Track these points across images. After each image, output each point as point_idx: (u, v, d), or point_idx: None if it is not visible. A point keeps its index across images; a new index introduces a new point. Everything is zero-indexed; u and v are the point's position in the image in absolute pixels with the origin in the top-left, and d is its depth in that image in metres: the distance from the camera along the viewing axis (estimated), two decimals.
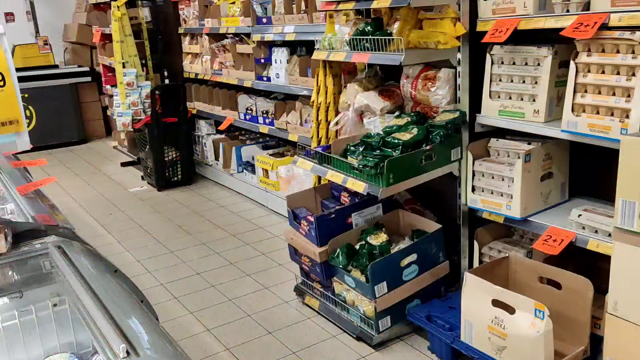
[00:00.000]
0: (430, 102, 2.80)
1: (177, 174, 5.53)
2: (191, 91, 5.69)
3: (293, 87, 4.09)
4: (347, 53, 2.74)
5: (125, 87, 5.51)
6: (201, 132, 5.85)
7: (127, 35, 5.49)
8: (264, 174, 4.72)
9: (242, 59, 4.77)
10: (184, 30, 5.61)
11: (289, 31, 3.95)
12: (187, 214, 4.79)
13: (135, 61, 5.56)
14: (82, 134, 7.92)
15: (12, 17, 9.16)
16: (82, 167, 6.54)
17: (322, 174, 2.84)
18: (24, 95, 7.29)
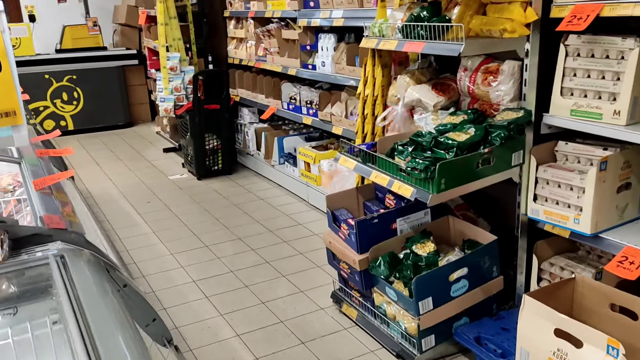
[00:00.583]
0: (491, 98, 2.49)
1: (217, 163, 5.39)
2: (235, 77, 5.52)
3: (339, 76, 3.83)
4: (399, 41, 2.46)
5: (169, 71, 5.38)
6: (244, 120, 5.68)
7: (172, 18, 5.35)
8: (305, 167, 4.50)
9: (287, 45, 4.54)
10: (229, 14, 5.42)
11: (337, 16, 3.68)
12: (225, 205, 4.63)
13: (179, 45, 5.42)
14: (128, 118, 7.91)
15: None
16: (125, 152, 6.50)
17: (365, 175, 2.58)
18: (72, 77, 7.33)
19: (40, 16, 8.81)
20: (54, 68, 7.22)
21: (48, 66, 7.19)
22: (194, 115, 5.14)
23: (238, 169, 5.63)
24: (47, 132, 7.38)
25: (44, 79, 7.18)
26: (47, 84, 7.21)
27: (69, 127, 7.46)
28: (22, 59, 6.98)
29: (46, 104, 7.26)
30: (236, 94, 5.54)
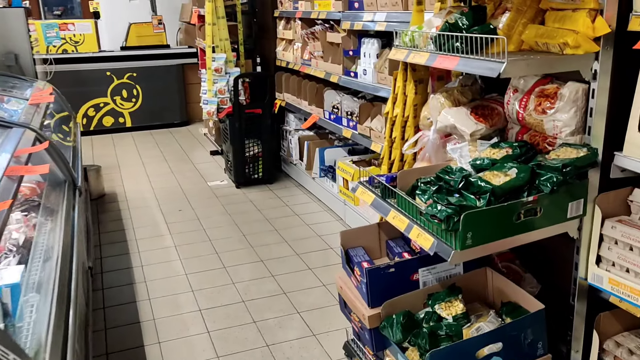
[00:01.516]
0: (545, 129, 1.97)
1: (257, 171, 5.08)
2: (282, 81, 5.18)
3: (380, 87, 3.38)
4: (430, 55, 1.99)
5: (213, 73, 5.13)
6: (289, 127, 5.34)
7: (220, 18, 5.09)
8: (344, 183, 4.08)
9: (331, 49, 4.13)
10: (279, 14, 5.08)
11: (380, 19, 3.23)
12: (256, 219, 4.30)
13: (226, 45, 5.16)
14: (185, 116, 7.82)
15: None
16: (174, 152, 6.36)
17: (383, 213, 2.13)
18: (132, 74, 7.30)
19: (110, 13, 8.93)
20: (115, 65, 7.23)
21: (109, 63, 7.21)
22: (234, 120, 4.86)
23: (280, 177, 5.30)
24: (107, 128, 7.44)
25: (105, 75, 7.20)
26: (108, 81, 7.24)
27: (126, 124, 7.46)
28: (85, 55, 7.03)
29: (106, 101, 7.28)
30: (282, 99, 5.20)
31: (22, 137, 2.58)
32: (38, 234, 2.29)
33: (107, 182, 5.20)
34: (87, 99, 7.18)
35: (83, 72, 7.05)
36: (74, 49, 6.98)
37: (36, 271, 2.00)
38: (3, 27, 4.44)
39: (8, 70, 4.51)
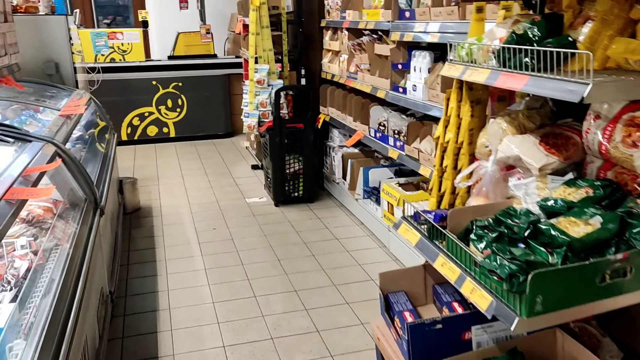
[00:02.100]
0: (636, 166, 1.59)
1: (298, 189, 4.81)
2: (326, 94, 4.90)
3: (432, 105, 3.04)
4: (492, 72, 1.66)
5: (255, 84, 4.91)
6: (333, 143, 5.05)
7: (264, 27, 4.87)
8: (389, 207, 3.75)
9: (378, 62, 3.82)
10: (325, 23, 4.82)
11: (433, 30, 2.90)
12: (294, 242, 4.02)
13: (270, 56, 4.93)
14: (229, 127, 7.67)
15: (186, 4, 9.31)
16: (214, 165, 6.19)
17: (429, 258, 1.80)
18: (178, 84, 7.22)
19: (160, 22, 8.95)
20: (161, 74, 7.16)
21: (155, 72, 7.14)
22: (274, 134, 4.61)
23: (321, 196, 5.01)
24: (150, 137, 7.38)
25: (151, 85, 7.14)
26: (153, 90, 7.17)
27: (170, 134, 7.38)
28: (131, 64, 6.99)
29: (151, 110, 7.22)
30: (327, 113, 4.93)
31: (39, 153, 2.40)
32: (45, 262, 2.08)
33: (144, 195, 5.06)
34: (132, 108, 7.14)
35: (129, 81, 7.01)
36: (121, 57, 6.96)
37: (33, 309, 1.77)
38: (45, 35, 4.37)
39: (48, 79, 4.44)
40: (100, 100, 7.00)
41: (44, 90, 4.11)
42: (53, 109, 3.56)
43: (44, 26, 4.35)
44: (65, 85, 4.35)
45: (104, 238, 3.01)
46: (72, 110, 3.33)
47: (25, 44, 4.22)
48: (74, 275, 2.03)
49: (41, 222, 2.35)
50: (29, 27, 4.30)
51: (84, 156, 3.56)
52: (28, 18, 4.31)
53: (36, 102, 3.59)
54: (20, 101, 3.56)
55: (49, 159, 2.40)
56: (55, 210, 2.51)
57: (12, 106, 3.63)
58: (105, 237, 3.08)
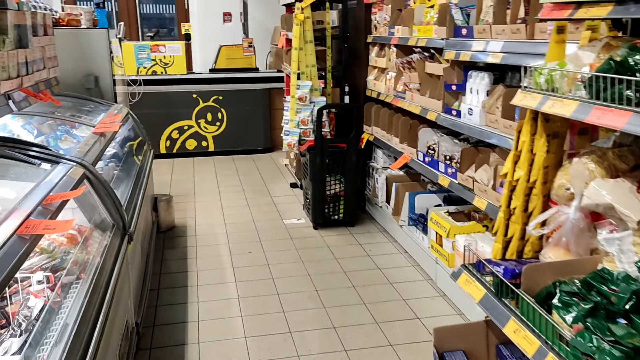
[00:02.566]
0: None
1: (338, 212, 4.56)
2: (371, 113, 4.66)
3: (490, 131, 2.75)
4: (581, 104, 1.38)
5: (297, 101, 4.72)
6: (377, 164, 4.79)
7: (308, 42, 4.68)
8: (436, 238, 3.46)
9: (429, 82, 3.56)
10: (372, 39, 4.59)
11: (494, 49, 2.62)
12: (333, 270, 3.77)
13: (313, 72, 4.73)
14: (268, 142, 7.51)
15: (229, 17, 9.28)
16: (253, 182, 6.01)
17: (498, 319, 1.53)
18: (218, 97, 7.11)
19: (203, 35, 8.92)
20: (201, 88, 7.07)
21: (196, 85, 7.06)
22: (315, 154, 4.39)
23: (363, 219, 4.75)
24: (189, 151, 7.28)
25: (191, 98, 7.06)
26: (194, 104, 7.09)
27: (209, 147, 7.27)
28: (172, 77, 6.93)
29: (190, 123, 7.13)
30: (371, 133, 4.68)
31: (65, 176, 2.24)
32: (62, 300, 1.90)
33: (179, 213, 4.91)
34: (172, 121, 7.06)
35: (169, 94, 6.95)
36: (163, 70, 6.90)
37: None
38: (86, 49, 4.30)
39: (87, 92, 4.36)
40: (140, 113, 6.97)
41: (81, 104, 4.01)
42: (88, 125, 3.45)
43: (85, 40, 4.28)
44: (103, 100, 4.26)
45: (133, 265, 2.84)
46: (106, 127, 3.19)
47: (65, 57, 4.14)
48: (92, 316, 1.84)
49: (63, 253, 2.18)
50: (70, 41, 4.23)
51: (117, 175, 3.42)
52: (69, 31, 4.25)
53: (71, 118, 3.48)
54: (55, 117, 3.45)
55: (75, 183, 2.24)
56: (79, 237, 2.34)
57: (48, 121, 3.54)
58: (134, 263, 2.91)
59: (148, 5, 10.06)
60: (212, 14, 8.93)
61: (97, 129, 3.18)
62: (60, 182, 2.15)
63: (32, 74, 3.32)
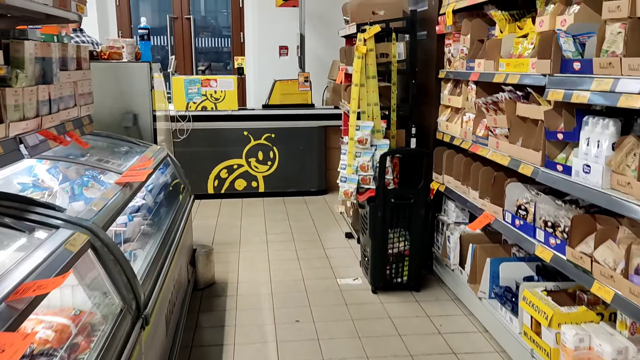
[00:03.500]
0: None
1: (402, 274, 3.90)
2: (442, 159, 4.01)
3: (618, 197, 2.06)
4: None
5: (356, 144, 4.14)
6: (448, 218, 4.11)
7: (370, 78, 4.12)
8: (532, 324, 2.73)
9: (522, 127, 2.89)
10: (445, 74, 3.98)
11: (625, 89, 1.95)
12: (397, 354, 3.09)
13: (375, 111, 4.15)
14: (323, 184, 6.96)
15: (286, 50, 8.92)
16: (304, 229, 5.43)
17: None
18: (270, 135, 6.65)
19: (258, 69, 8.58)
20: (253, 125, 6.64)
21: (247, 122, 6.64)
22: (376, 207, 3.77)
23: (430, 282, 4.06)
24: (238, 192, 6.81)
25: (242, 135, 6.64)
26: (244, 141, 6.66)
27: (259, 188, 6.79)
28: (222, 113, 6.53)
29: (241, 162, 6.69)
30: (441, 181, 4.02)
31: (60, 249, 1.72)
32: None
33: (221, 265, 4.38)
34: (221, 159, 6.64)
35: (219, 131, 6.54)
36: (213, 106, 6.52)
37: None
38: (125, 84, 3.91)
39: (125, 132, 3.94)
40: (187, 151, 6.61)
41: (115, 145, 3.59)
42: (115, 172, 2.98)
43: (125, 74, 3.89)
44: (141, 140, 3.82)
45: (151, 350, 2.28)
46: (132, 177, 2.71)
47: (103, 93, 3.76)
48: None
49: (48, 355, 1.64)
50: (109, 75, 3.85)
51: (143, 230, 2.92)
52: (108, 65, 3.87)
53: (97, 163, 3.03)
54: (79, 162, 3.01)
55: (70, 259, 1.72)
56: (73, 327, 1.80)
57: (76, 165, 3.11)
58: (153, 347, 2.35)
59: (204, 38, 9.88)
60: (268, 47, 8.59)
61: (121, 179, 2.70)
62: (48, 260, 1.63)
63: (57, 113, 2.89)
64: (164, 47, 9.28)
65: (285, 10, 8.51)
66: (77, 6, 3.24)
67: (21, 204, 2.00)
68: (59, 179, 3.19)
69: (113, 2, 8.15)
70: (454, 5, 3.70)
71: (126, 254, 2.73)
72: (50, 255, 1.66)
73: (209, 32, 10.30)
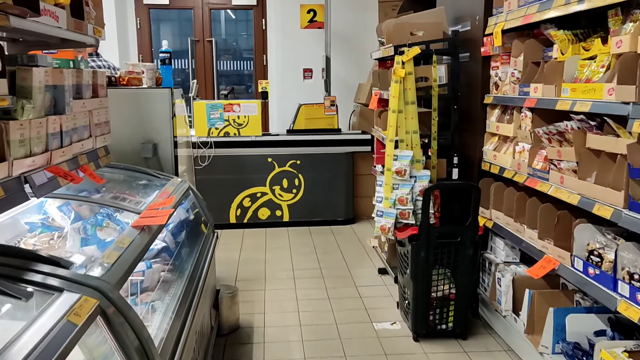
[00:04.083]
0: None
1: (446, 320, 3.51)
2: (489, 192, 3.64)
3: None
4: None
5: (394, 175, 3.79)
6: (496, 257, 3.73)
7: (410, 103, 3.79)
8: None
9: (595, 162, 2.52)
10: (492, 100, 3.63)
11: None
12: None
13: (414, 140, 3.81)
14: (350, 212, 6.60)
15: (310, 73, 8.66)
16: (333, 263, 5.08)
17: None
18: (295, 162, 6.35)
19: (281, 93, 8.32)
20: (277, 151, 6.34)
21: (271, 148, 6.34)
22: (419, 247, 3.40)
23: (477, 328, 3.66)
24: (261, 221, 6.48)
25: (266, 162, 6.34)
26: (268, 169, 6.35)
27: (284, 217, 6.46)
28: (245, 139, 6.24)
29: (264, 190, 6.38)
30: (488, 216, 3.65)
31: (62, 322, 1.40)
32: None
33: (246, 306, 4.03)
34: (244, 187, 6.34)
35: (242, 158, 6.26)
36: (236, 131, 6.25)
37: None
38: (145, 111, 3.63)
39: (144, 163, 3.66)
40: (209, 178, 6.33)
41: (133, 179, 3.29)
42: (133, 212, 2.67)
43: (145, 101, 3.62)
44: (161, 172, 3.53)
45: None
46: (150, 219, 2.39)
47: (121, 121, 3.48)
48: None
49: None
50: (127, 102, 3.59)
51: (164, 278, 2.60)
52: (127, 92, 3.61)
53: (113, 202, 2.73)
54: (92, 201, 2.71)
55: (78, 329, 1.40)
56: None
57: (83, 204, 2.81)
58: None
59: (226, 61, 9.69)
60: (291, 70, 8.34)
61: (139, 221, 2.39)
62: (45, 340, 1.31)
63: (70, 146, 2.61)
64: (184, 70, 9.10)
65: (310, 32, 8.28)
66: (94, 29, 2.99)
67: (21, 260, 1.69)
68: (70, 217, 2.90)
69: (134, 25, 8.00)
70: (503, 24, 3.37)
71: (143, 306, 2.41)
72: (49, 332, 1.34)
73: (230, 54, 10.12)
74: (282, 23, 8.18)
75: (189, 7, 8.19)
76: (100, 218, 2.87)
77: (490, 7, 3.62)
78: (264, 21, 8.40)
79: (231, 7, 8.47)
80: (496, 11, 3.57)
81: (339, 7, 7.88)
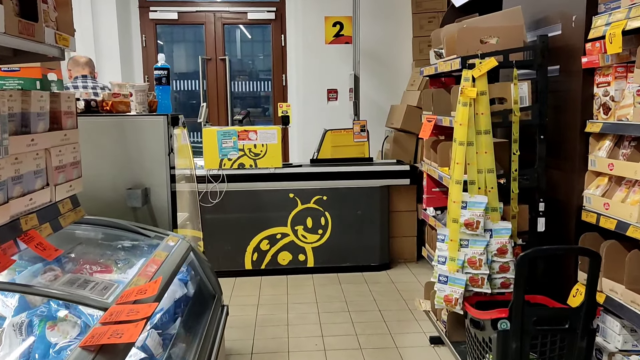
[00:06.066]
0: None
1: None
2: (601, 255, 2.65)
3: None
4: None
5: (462, 228, 2.84)
6: (609, 343, 2.73)
7: (482, 133, 2.85)
8: None
9: None
10: (601, 128, 2.67)
11: None
12: None
13: (490, 181, 2.87)
14: (386, 256, 5.63)
15: (335, 94, 7.77)
16: (371, 326, 4.10)
17: None
18: (321, 197, 5.42)
19: (304, 117, 7.44)
20: (300, 185, 5.42)
21: (294, 182, 5.42)
22: (508, 334, 2.42)
23: None
24: (282, 267, 5.50)
25: (287, 198, 5.41)
26: (290, 206, 5.42)
27: (308, 263, 5.50)
28: (262, 172, 5.34)
29: (285, 231, 5.44)
30: (600, 289, 2.66)
31: None
32: None
33: None
34: (262, 228, 5.41)
35: (260, 193, 5.35)
36: (252, 162, 5.35)
37: None
38: (133, 147, 2.73)
39: (132, 215, 2.74)
40: (221, 218, 5.35)
41: (112, 239, 2.38)
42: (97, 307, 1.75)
43: (132, 132, 2.72)
44: (152, 228, 2.60)
45: None
46: (112, 337, 1.46)
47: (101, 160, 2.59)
48: None
49: None
50: (110, 134, 2.69)
51: None
52: (109, 120, 2.72)
53: (66, 290, 1.80)
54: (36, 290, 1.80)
55: None
56: None
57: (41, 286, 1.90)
58: None
59: (241, 82, 8.85)
60: (314, 91, 7.47)
61: (93, 339, 1.45)
62: None
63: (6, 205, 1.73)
64: (193, 91, 8.26)
65: (334, 48, 7.42)
66: (56, 36, 2.10)
67: None
68: (12, 305, 1.99)
69: (139, 43, 7.21)
70: (624, 23, 2.43)
71: None
72: None
73: (246, 75, 9.29)
74: (304, 38, 7.33)
75: (200, 23, 7.39)
76: (55, 307, 1.96)
77: (594, 3, 2.70)
78: (283, 37, 7.57)
79: (246, 21, 7.64)
80: (605, 7, 2.64)
81: (368, 19, 7.03)
